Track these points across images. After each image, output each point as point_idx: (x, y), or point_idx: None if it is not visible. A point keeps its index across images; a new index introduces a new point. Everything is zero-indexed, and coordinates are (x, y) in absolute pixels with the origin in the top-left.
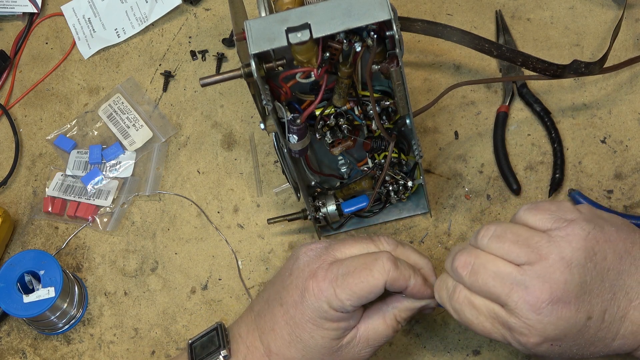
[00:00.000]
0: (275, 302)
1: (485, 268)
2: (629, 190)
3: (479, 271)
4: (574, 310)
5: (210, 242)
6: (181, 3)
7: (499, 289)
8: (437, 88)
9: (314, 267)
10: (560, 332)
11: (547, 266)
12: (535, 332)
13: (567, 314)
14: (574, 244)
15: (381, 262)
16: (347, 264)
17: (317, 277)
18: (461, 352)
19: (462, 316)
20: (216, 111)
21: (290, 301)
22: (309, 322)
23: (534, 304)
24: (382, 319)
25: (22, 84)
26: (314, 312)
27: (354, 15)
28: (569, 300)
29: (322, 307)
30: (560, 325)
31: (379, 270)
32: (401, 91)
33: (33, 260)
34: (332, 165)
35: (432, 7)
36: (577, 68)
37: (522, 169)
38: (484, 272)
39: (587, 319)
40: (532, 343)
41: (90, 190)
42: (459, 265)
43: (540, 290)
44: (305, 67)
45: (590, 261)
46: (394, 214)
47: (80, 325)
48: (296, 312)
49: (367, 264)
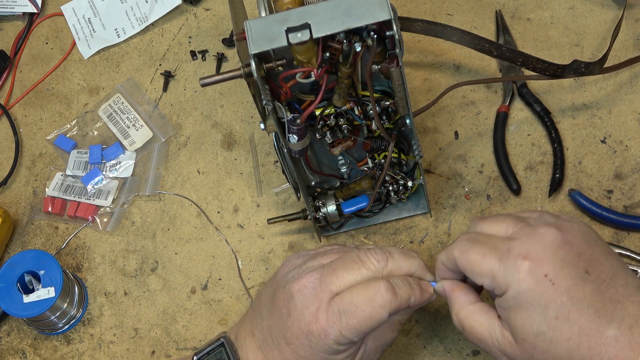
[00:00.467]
0: (281, 340)
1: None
2: (629, 190)
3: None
4: (575, 253)
5: (210, 242)
6: (181, 3)
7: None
8: (437, 88)
9: (312, 309)
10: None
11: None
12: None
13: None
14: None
15: (381, 296)
16: (347, 302)
17: (319, 321)
18: (461, 352)
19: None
20: (216, 111)
21: (298, 343)
22: (319, 357)
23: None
24: (387, 326)
25: (22, 84)
26: (323, 351)
27: (354, 15)
28: (572, 242)
29: (331, 347)
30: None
31: (381, 305)
32: (401, 91)
33: (33, 260)
34: (332, 165)
35: (432, 7)
36: (577, 68)
37: (522, 169)
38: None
39: (584, 272)
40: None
41: (90, 190)
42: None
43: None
44: (305, 67)
45: (592, 235)
46: (394, 214)
47: (80, 325)
48: (305, 352)
49: (367, 300)
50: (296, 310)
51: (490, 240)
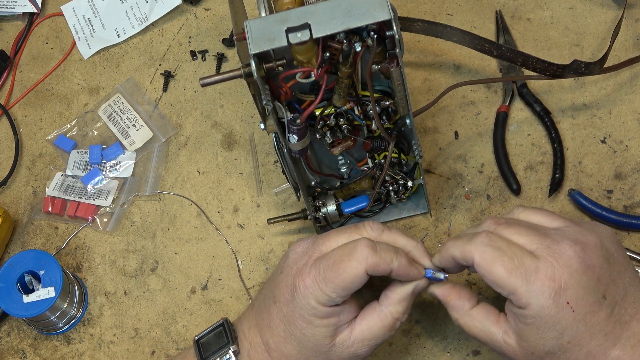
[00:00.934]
0: (270, 300)
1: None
2: (629, 190)
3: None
4: (596, 277)
5: (210, 242)
6: (181, 3)
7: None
8: (437, 88)
9: (300, 264)
10: (581, 289)
11: (580, 230)
12: (560, 277)
13: (590, 275)
14: (602, 228)
15: (359, 250)
16: (328, 257)
17: (302, 275)
18: (461, 352)
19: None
20: (216, 111)
21: (282, 299)
22: (300, 320)
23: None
24: (378, 318)
25: (22, 84)
26: (303, 309)
27: (354, 15)
28: (594, 265)
29: (310, 304)
30: (583, 282)
31: (357, 259)
32: (401, 91)
33: (33, 260)
34: (332, 165)
35: (432, 7)
36: (577, 68)
37: (522, 169)
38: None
39: (602, 296)
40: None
41: (90, 190)
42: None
43: (574, 242)
44: (305, 67)
45: (614, 248)
46: (394, 214)
47: (80, 325)
48: (288, 309)
49: (346, 253)
50: (287, 267)
51: (515, 253)
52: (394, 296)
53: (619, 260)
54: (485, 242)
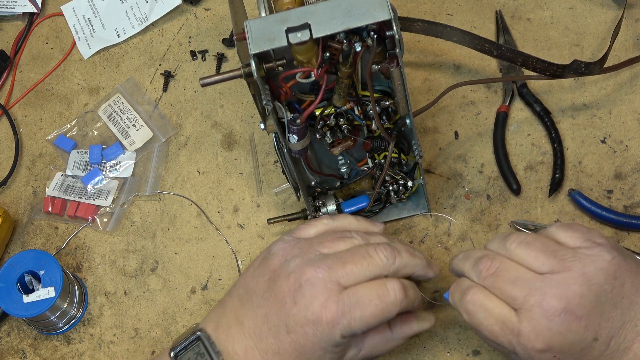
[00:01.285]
0: (281, 329)
1: (508, 272)
2: (629, 190)
3: (501, 274)
4: (584, 326)
5: (210, 242)
6: (181, 3)
7: (517, 292)
8: (437, 88)
9: (322, 299)
10: (566, 344)
11: (567, 277)
12: (542, 339)
13: (576, 328)
14: (597, 264)
15: (394, 294)
16: (360, 295)
17: (330, 310)
18: (461, 352)
19: (473, 317)
20: (216, 111)
21: (301, 332)
22: (319, 350)
23: (548, 310)
24: (387, 343)
25: (22, 84)
26: (325, 342)
27: (354, 15)
28: (581, 315)
29: (334, 337)
30: (568, 338)
31: (393, 302)
32: (401, 91)
33: (33, 260)
34: (332, 165)
35: (432, 7)
36: (577, 68)
37: (522, 169)
38: (506, 275)
39: (593, 340)
40: (536, 349)
41: (90, 190)
42: (484, 267)
43: (557, 298)
44: (305, 67)
45: (608, 283)
46: (394, 214)
47: (80, 325)
48: (307, 342)
49: (381, 295)
50: (304, 299)
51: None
52: (408, 331)
53: (616, 292)
54: (471, 306)
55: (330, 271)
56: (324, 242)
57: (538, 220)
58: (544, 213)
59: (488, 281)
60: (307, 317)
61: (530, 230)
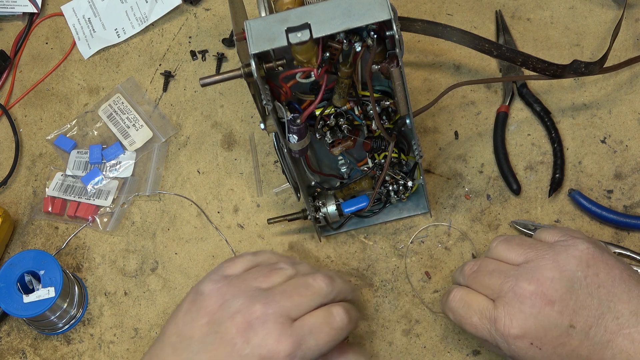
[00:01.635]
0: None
1: (487, 266)
2: (629, 190)
3: (480, 270)
4: (557, 310)
5: (210, 242)
6: (181, 3)
7: (493, 282)
8: (437, 88)
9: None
10: (540, 329)
11: (540, 264)
12: (517, 323)
13: (549, 312)
14: (570, 252)
15: (340, 319)
16: (310, 325)
17: (284, 344)
18: (461, 352)
19: (456, 314)
20: (216, 111)
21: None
22: None
23: (520, 294)
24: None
25: (22, 84)
26: None
27: (354, 15)
28: (553, 299)
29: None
30: (541, 321)
31: (341, 327)
32: (401, 91)
33: (33, 260)
34: (332, 165)
35: (432, 7)
36: (577, 68)
37: (522, 169)
38: (484, 270)
39: (569, 326)
40: (512, 335)
41: (90, 190)
42: (468, 268)
43: (528, 282)
44: (305, 67)
45: (581, 271)
46: (394, 214)
47: (80, 325)
48: None
49: (329, 322)
50: (257, 337)
51: (479, 307)
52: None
53: (590, 281)
54: (453, 304)
55: (278, 305)
56: (258, 277)
57: (538, 220)
58: (544, 213)
59: (470, 279)
60: (262, 355)
61: (530, 230)
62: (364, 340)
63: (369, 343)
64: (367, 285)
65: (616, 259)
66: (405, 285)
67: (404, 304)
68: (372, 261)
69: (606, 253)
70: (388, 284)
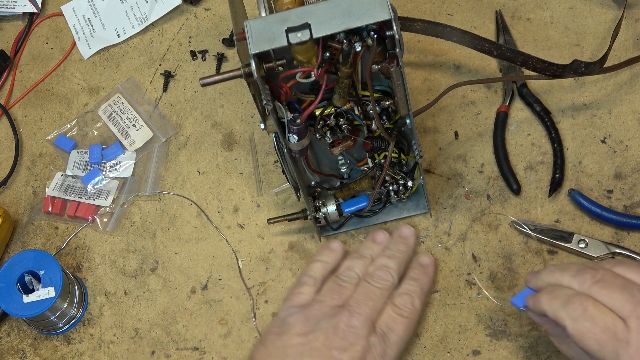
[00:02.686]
0: None
1: (614, 280)
2: (629, 190)
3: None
4: None
5: (210, 242)
6: (181, 3)
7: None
8: (437, 88)
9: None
10: None
11: None
12: None
13: None
14: None
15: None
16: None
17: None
18: (461, 352)
19: (579, 325)
20: (216, 111)
21: None
22: None
23: None
24: None
25: (22, 84)
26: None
27: (354, 15)
28: None
29: None
30: None
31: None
32: (401, 91)
33: (33, 260)
34: (332, 165)
35: (432, 7)
36: (577, 68)
37: (522, 169)
38: (613, 282)
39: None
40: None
41: (90, 190)
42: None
43: None
44: (305, 67)
45: None
46: (394, 214)
47: (80, 325)
48: None
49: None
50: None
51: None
52: None
53: None
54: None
55: (361, 316)
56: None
57: (538, 220)
58: (544, 213)
59: (594, 289)
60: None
61: (530, 230)
62: None
63: None
64: None
65: None
66: None
67: None
68: None
69: None
70: None
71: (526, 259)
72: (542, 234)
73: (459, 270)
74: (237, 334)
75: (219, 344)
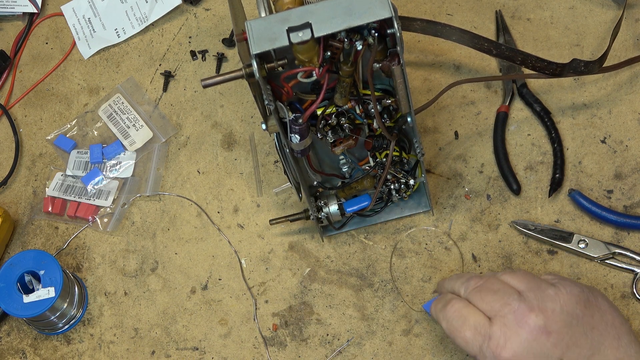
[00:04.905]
0: None
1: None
2: (629, 190)
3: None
4: (552, 342)
5: (210, 242)
6: (181, 3)
7: (496, 301)
8: (437, 88)
9: None
10: (531, 356)
11: (544, 294)
12: (510, 346)
13: (544, 341)
14: (571, 289)
15: None
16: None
17: None
18: (461, 352)
19: (450, 325)
20: (216, 111)
21: None
22: None
23: (520, 318)
24: None
25: (22, 84)
26: None
27: (355, 13)
28: (550, 330)
29: None
30: (534, 349)
31: None
32: (402, 89)
33: (33, 260)
34: (334, 164)
35: (432, 7)
36: (576, 67)
37: (522, 169)
38: (489, 287)
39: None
40: (503, 356)
41: (91, 190)
42: (474, 282)
43: (531, 308)
44: (306, 67)
45: (580, 310)
46: (396, 213)
47: (80, 325)
48: None
49: None
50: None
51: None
52: None
53: (586, 321)
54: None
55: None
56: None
57: (538, 220)
58: (544, 213)
59: (472, 293)
60: None
61: (530, 230)
62: (364, 340)
63: (369, 343)
64: (367, 286)
65: (610, 304)
66: (405, 286)
67: (404, 304)
68: (372, 261)
69: (601, 297)
70: (388, 284)
71: (526, 259)
72: (542, 234)
73: (459, 270)
74: (237, 334)
75: (219, 344)
